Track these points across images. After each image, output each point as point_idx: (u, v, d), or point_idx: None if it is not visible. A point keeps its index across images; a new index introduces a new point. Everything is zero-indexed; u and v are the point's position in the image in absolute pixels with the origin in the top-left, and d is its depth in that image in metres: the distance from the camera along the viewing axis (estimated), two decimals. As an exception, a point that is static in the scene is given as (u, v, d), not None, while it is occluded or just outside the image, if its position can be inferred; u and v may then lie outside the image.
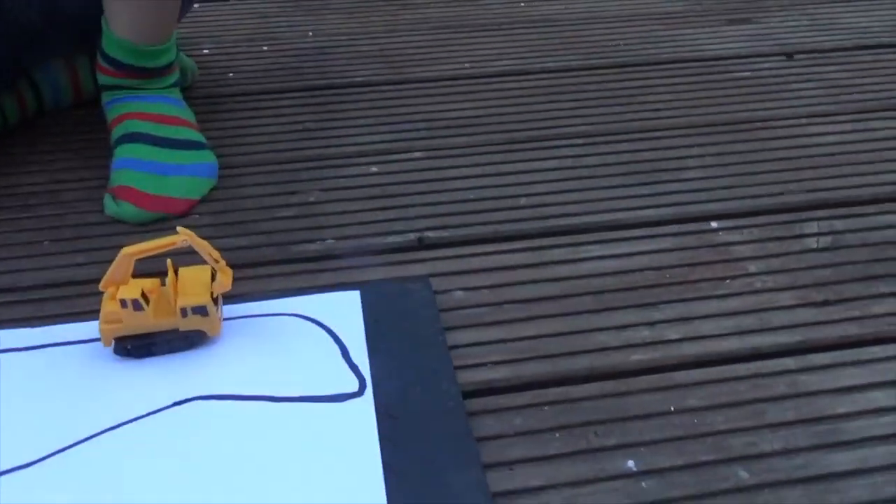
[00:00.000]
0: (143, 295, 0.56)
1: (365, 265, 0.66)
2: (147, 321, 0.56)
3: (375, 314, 0.60)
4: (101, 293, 0.57)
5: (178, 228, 0.56)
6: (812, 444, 0.52)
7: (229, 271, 0.57)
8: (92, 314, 0.61)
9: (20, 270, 0.66)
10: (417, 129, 0.84)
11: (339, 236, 0.70)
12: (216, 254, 0.57)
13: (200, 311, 0.56)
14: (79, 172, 0.78)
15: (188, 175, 0.73)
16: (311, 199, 0.75)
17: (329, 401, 0.54)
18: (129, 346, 0.56)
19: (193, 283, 0.57)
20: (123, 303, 0.55)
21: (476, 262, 0.67)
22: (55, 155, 0.80)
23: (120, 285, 0.56)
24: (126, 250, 0.55)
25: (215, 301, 0.57)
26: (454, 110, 0.87)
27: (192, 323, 0.56)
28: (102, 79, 0.77)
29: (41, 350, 0.57)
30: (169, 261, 0.59)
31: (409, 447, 0.51)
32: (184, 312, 0.56)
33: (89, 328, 0.59)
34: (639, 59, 0.97)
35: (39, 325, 0.60)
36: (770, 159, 0.80)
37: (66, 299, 0.63)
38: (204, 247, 0.56)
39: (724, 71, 0.94)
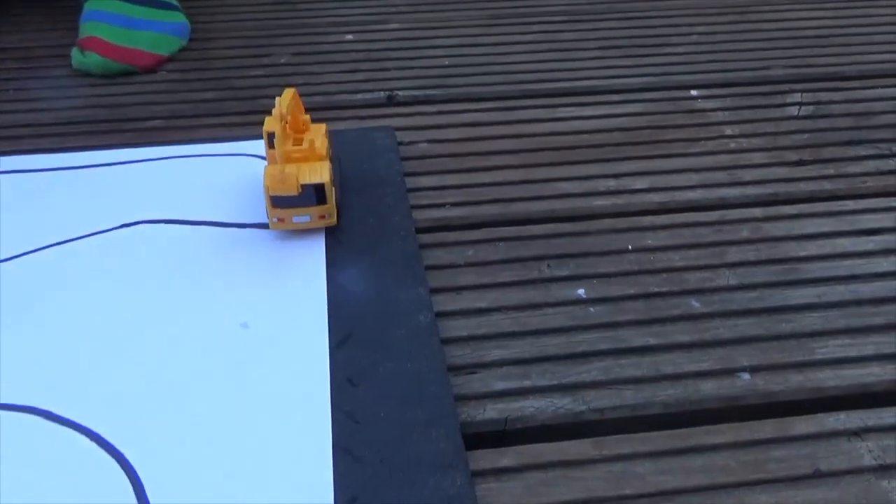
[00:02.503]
0: (271, 134, 0.50)
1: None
2: (270, 157, 0.52)
3: (335, 155, 0.59)
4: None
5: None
6: (770, 281, 0.51)
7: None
8: (37, 152, 0.60)
9: (-18, 115, 0.66)
10: (397, 4, 0.82)
11: (307, 93, 0.68)
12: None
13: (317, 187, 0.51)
14: (50, 34, 0.76)
15: (157, 31, 0.72)
16: (283, 60, 0.73)
17: (278, 226, 0.53)
18: None
19: (318, 163, 0.52)
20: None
21: (444, 119, 0.66)
22: (28, 18, 0.79)
23: (287, 115, 0.53)
24: (290, 89, 0.53)
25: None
26: (437, -10, 0.85)
27: None
28: (75, -64, 0.75)
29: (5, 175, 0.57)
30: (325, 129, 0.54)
31: (356, 267, 0.50)
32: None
33: (57, 159, 0.59)
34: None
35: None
36: (757, 38, 0.77)
37: (23, 139, 0.62)
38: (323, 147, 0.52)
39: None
